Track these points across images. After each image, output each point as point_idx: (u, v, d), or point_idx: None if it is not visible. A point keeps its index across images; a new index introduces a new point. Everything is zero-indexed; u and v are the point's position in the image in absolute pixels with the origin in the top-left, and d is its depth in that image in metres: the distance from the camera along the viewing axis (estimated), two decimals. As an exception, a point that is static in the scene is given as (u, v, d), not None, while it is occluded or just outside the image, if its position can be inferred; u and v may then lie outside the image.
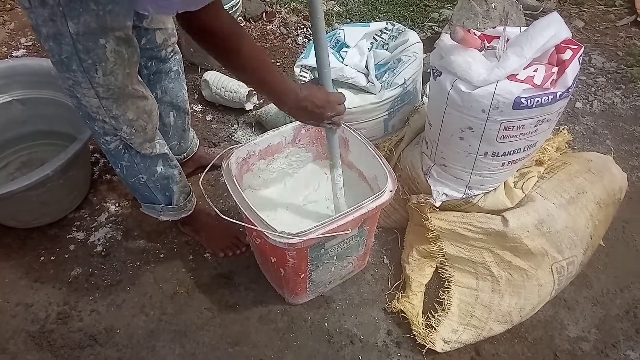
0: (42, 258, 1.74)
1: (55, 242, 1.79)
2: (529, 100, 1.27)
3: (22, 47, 2.64)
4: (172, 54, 1.59)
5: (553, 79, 1.29)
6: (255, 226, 1.28)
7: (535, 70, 1.30)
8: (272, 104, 2.17)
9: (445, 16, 2.83)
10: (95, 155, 2.08)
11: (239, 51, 1.10)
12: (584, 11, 3.00)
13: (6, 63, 1.87)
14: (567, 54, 1.32)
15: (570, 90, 1.30)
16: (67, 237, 1.81)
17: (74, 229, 1.83)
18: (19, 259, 1.74)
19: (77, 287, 1.67)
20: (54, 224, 1.83)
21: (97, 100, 1.23)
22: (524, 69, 1.30)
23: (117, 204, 1.91)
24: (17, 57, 2.55)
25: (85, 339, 1.54)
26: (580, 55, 1.33)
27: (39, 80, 1.86)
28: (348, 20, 2.85)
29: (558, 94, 1.28)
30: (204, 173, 1.48)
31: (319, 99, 1.24)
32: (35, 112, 1.93)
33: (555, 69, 1.30)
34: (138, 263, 1.73)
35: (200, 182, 1.42)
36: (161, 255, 1.76)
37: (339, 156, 1.42)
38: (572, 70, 1.29)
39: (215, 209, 1.32)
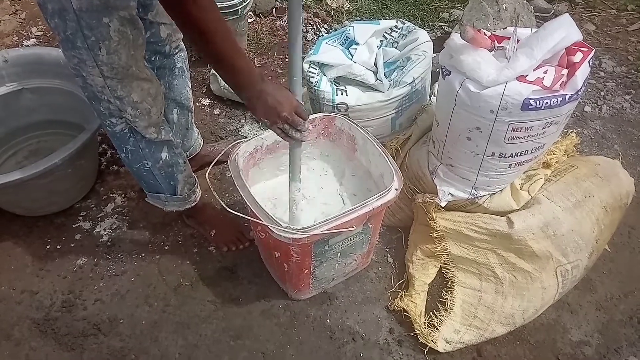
0: (48, 246, 1.76)
1: (62, 231, 1.80)
2: (537, 102, 1.26)
3: (33, 36, 2.65)
4: (176, 50, 1.59)
5: (563, 81, 1.28)
6: (261, 220, 1.28)
7: (545, 72, 1.29)
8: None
9: (455, 16, 2.82)
10: (103, 145, 2.09)
11: (204, 14, 1.03)
12: (595, 15, 2.98)
13: (17, 52, 1.88)
14: (578, 57, 1.31)
15: (579, 93, 1.29)
16: (74, 226, 1.82)
17: (80, 218, 1.84)
18: (25, 247, 1.75)
19: (82, 277, 1.68)
20: (60, 213, 1.84)
21: (102, 80, 1.24)
22: (534, 70, 1.29)
23: (123, 195, 1.92)
24: (27, 46, 2.56)
25: (89, 327, 1.55)
26: (591, 58, 1.32)
27: (49, 69, 1.87)
28: (358, 17, 2.84)
29: (567, 97, 1.28)
30: (210, 167, 1.48)
31: (281, 96, 1.17)
32: (45, 101, 1.94)
33: (565, 71, 1.30)
34: (143, 254, 1.74)
35: (207, 175, 1.43)
36: (166, 247, 1.77)
37: (299, 170, 1.36)
38: (582, 72, 1.29)
39: (221, 202, 1.33)
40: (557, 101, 1.27)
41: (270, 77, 2.43)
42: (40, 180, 1.58)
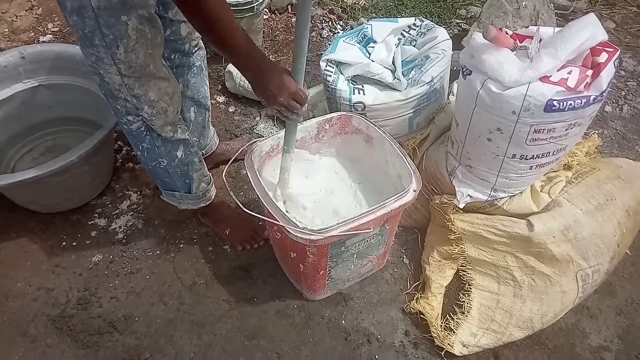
0: (64, 243, 1.76)
1: (77, 228, 1.81)
2: (561, 103, 1.24)
3: (49, 32, 2.66)
4: (195, 48, 1.59)
5: (587, 82, 1.25)
6: (277, 221, 1.27)
7: (569, 73, 1.26)
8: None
9: (473, 13, 2.79)
10: (119, 142, 2.09)
11: (220, 19, 1.11)
12: (615, 12, 2.93)
13: (34, 48, 1.88)
14: (603, 57, 1.28)
15: (604, 94, 1.26)
16: (89, 223, 1.82)
17: (96, 215, 1.85)
18: (41, 244, 1.76)
19: (98, 274, 1.68)
20: (76, 209, 1.85)
21: (119, 78, 1.24)
22: (558, 70, 1.27)
23: (138, 192, 1.92)
24: (44, 42, 2.57)
25: (104, 325, 1.56)
26: (616, 59, 1.29)
27: (66, 66, 1.88)
28: (374, 14, 2.82)
29: (592, 98, 1.25)
30: (227, 166, 1.48)
31: (279, 81, 1.21)
32: (61, 98, 1.94)
33: (589, 72, 1.27)
34: (158, 252, 1.74)
35: (223, 175, 1.42)
36: (181, 245, 1.77)
37: (293, 143, 1.41)
38: (607, 73, 1.26)
39: (237, 201, 1.32)
40: (581, 102, 1.24)
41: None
42: (56, 177, 1.58)
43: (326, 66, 1.73)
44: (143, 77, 1.27)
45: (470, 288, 1.59)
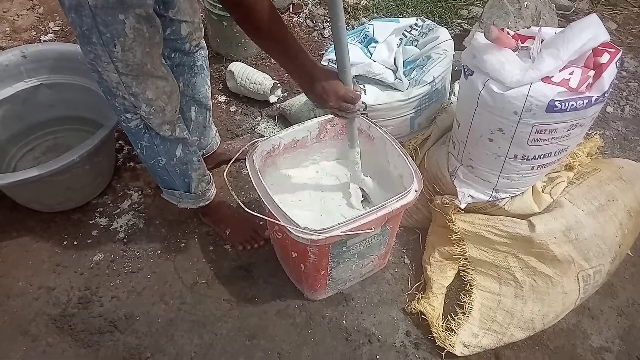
0: (65, 242, 1.76)
1: (79, 227, 1.81)
2: (563, 104, 1.23)
3: (51, 31, 2.66)
4: (196, 48, 1.58)
5: (589, 83, 1.25)
6: (279, 221, 1.27)
7: (571, 73, 1.26)
8: (296, 97, 2.17)
9: (474, 13, 2.78)
10: (120, 142, 2.09)
11: (260, 12, 1.15)
12: (617, 13, 2.92)
13: (35, 47, 1.88)
14: (605, 58, 1.28)
15: (606, 95, 1.26)
16: (90, 222, 1.82)
17: (97, 214, 1.85)
18: (42, 243, 1.76)
19: (99, 273, 1.68)
20: (77, 209, 1.85)
21: (117, 76, 1.24)
22: (560, 71, 1.26)
23: (140, 192, 1.92)
24: (45, 41, 2.57)
25: (105, 324, 1.56)
26: (618, 60, 1.29)
27: (67, 65, 1.88)
28: (375, 14, 2.81)
29: (593, 99, 1.24)
30: (229, 166, 1.48)
31: (329, 87, 1.27)
32: (62, 97, 1.94)
33: (591, 73, 1.27)
34: (159, 251, 1.74)
35: (224, 175, 1.42)
36: (182, 245, 1.76)
37: (356, 139, 1.47)
38: (609, 74, 1.26)
39: (239, 201, 1.32)
40: (583, 103, 1.24)
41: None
42: (58, 176, 1.58)
43: (328, 66, 1.73)
44: (141, 76, 1.27)
45: (471, 288, 1.58)
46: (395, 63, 1.77)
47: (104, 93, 1.33)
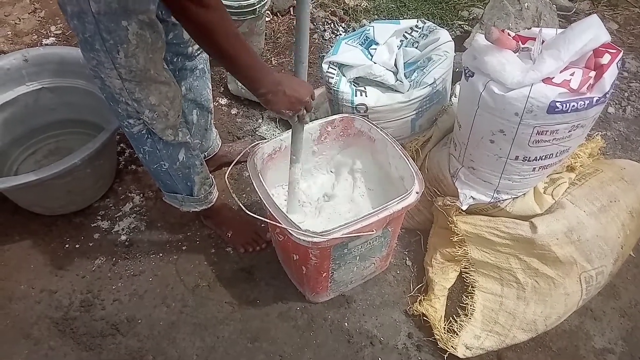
0: (66, 246, 1.77)
1: (80, 231, 1.81)
2: (564, 105, 1.23)
3: (52, 35, 2.67)
4: (198, 51, 1.59)
5: (590, 84, 1.25)
6: (280, 223, 1.27)
7: (572, 74, 1.26)
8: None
9: (475, 15, 2.79)
10: (122, 145, 2.10)
11: (220, 35, 1.08)
12: (618, 13, 2.92)
13: (37, 51, 1.89)
14: (606, 58, 1.28)
15: (607, 95, 1.26)
16: (92, 225, 1.82)
17: (99, 218, 1.85)
18: (44, 246, 1.76)
19: (101, 276, 1.68)
20: (79, 212, 1.85)
21: (120, 82, 1.24)
22: (560, 72, 1.26)
23: (141, 195, 1.93)
24: (47, 45, 2.58)
25: (107, 327, 1.56)
26: (619, 60, 1.29)
27: (69, 69, 1.88)
28: (376, 16, 2.82)
29: (595, 99, 1.24)
30: (230, 168, 1.48)
31: (297, 85, 1.24)
32: (64, 101, 1.95)
33: (592, 74, 1.26)
34: (161, 254, 1.74)
35: (226, 177, 1.42)
36: (184, 248, 1.77)
37: (301, 152, 1.42)
38: (610, 75, 1.25)
39: (240, 204, 1.32)
40: (584, 104, 1.24)
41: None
42: (59, 180, 1.59)
43: (328, 68, 1.73)
44: (144, 82, 1.26)
45: (473, 290, 1.58)
46: (396, 65, 1.76)
47: (106, 99, 1.33)
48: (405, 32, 1.84)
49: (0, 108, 1.85)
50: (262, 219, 1.33)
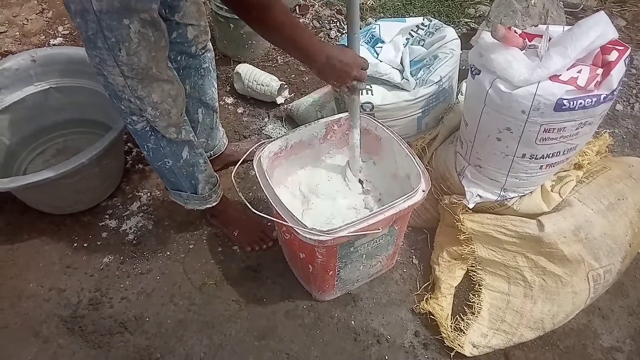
0: (75, 244, 1.78)
1: (88, 229, 1.82)
2: (571, 102, 1.23)
3: (60, 35, 2.68)
4: (203, 50, 1.59)
5: (597, 81, 1.24)
6: (286, 222, 1.27)
7: (579, 72, 1.25)
8: (303, 98, 2.17)
9: (481, 12, 2.77)
10: (129, 144, 2.11)
11: (273, 11, 1.14)
12: (626, 10, 2.90)
13: (44, 51, 1.90)
14: (613, 55, 1.27)
15: (615, 93, 1.25)
16: (100, 224, 1.84)
17: (107, 216, 1.86)
18: (53, 245, 1.78)
19: (109, 274, 1.70)
20: (87, 211, 1.86)
21: (123, 79, 1.25)
22: (567, 69, 1.26)
23: (148, 194, 1.94)
24: (54, 45, 2.60)
25: (115, 325, 1.57)
26: (627, 57, 1.28)
27: (76, 68, 1.89)
28: (382, 14, 2.81)
29: (602, 97, 1.24)
30: (236, 167, 1.48)
31: (347, 58, 1.29)
32: (72, 100, 1.96)
33: (600, 71, 1.26)
34: (168, 253, 1.75)
35: (232, 176, 1.42)
36: (191, 246, 1.77)
37: (358, 117, 1.48)
38: (618, 72, 1.25)
39: (247, 203, 1.32)
40: (591, 101, 1.23)
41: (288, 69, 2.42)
42: (67, 179, 1.60)
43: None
44: (146, 79, 1.27)
45: (480, 288, 1.58)
46: (402, 63, 1.76)
47: (109, 96, 1.34)
48: (411, 30, 1.84)
49: (9, 108, 1.87)
50: (269, 217, 1.33)
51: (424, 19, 1.83)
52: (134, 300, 1.63)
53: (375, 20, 2.13)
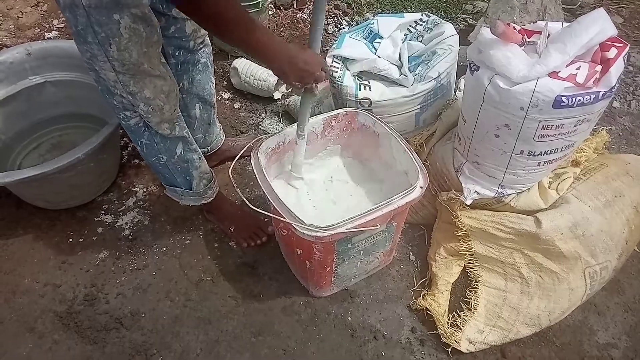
0: (70, 240, 1.77)
1: (84, 225, 1.81)
2: (570, 99, 1.22)
3: (55, 29, 2.66)
4: (201, 45, 1.58)
5: (596, 78, 1.24)
6: (284, 218, 1.27)
7: (578, 68, 1.25)
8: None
9: (479, 8, 2.77)
10: (125, 139, 2.09)
11: (225, 9, 1.12)
12: (623, 7, 2.90)
13: (39, 45, 1.89)
14: (612, 52, 1.27)
15: (613, 90, 1.25)
16: (96, 220, 1.83)
17: (102, 212, 1.85)
18: (48, 240, 1.77)
19: (104, 270, 1.69)
20: (82, 206, 1.85)
21: (114, 75, 1.23)
22: (566, 66, 1.26)
23: (144, 189, 1.93)
24: (49, 39, 2.57)
25: (111, 321, 1.56)
26: (626, 54, 1.28)
27: (71, 62, 1.88)
28: (379, 10, 2.80)
29: (601, 94, 1.24)
30: (233, 163, 1.47)
31: (309, 57, 1.27)
32: (67, 95, 1.95)
33: (598, 68, 1.25)
34: (164, 248, 1.75)
35: (229, 171, 1.42)
36: (187, 242, 1.77)
37: (307, 122, 1.46)
38: (617, 69, 1.24)
39: (245, 198, 1.31)
40: (590, 98, 1.23)
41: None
42: (63, 174, 1.59)
43: (332, 62, 1.73)
44: (138, 75, 1.26)
45: (477, 285, 1.58)
46: (400, 59, 1.76)
47: (101, 92, 1.33)
48: (410, 25, 1.83)
49: (4, 102, 1.85)
50: (266, 213, 1.33)
51: (422, 15, 1.83)
52: (129, 296, 1.62)
53: (374, 16, 2.12)
